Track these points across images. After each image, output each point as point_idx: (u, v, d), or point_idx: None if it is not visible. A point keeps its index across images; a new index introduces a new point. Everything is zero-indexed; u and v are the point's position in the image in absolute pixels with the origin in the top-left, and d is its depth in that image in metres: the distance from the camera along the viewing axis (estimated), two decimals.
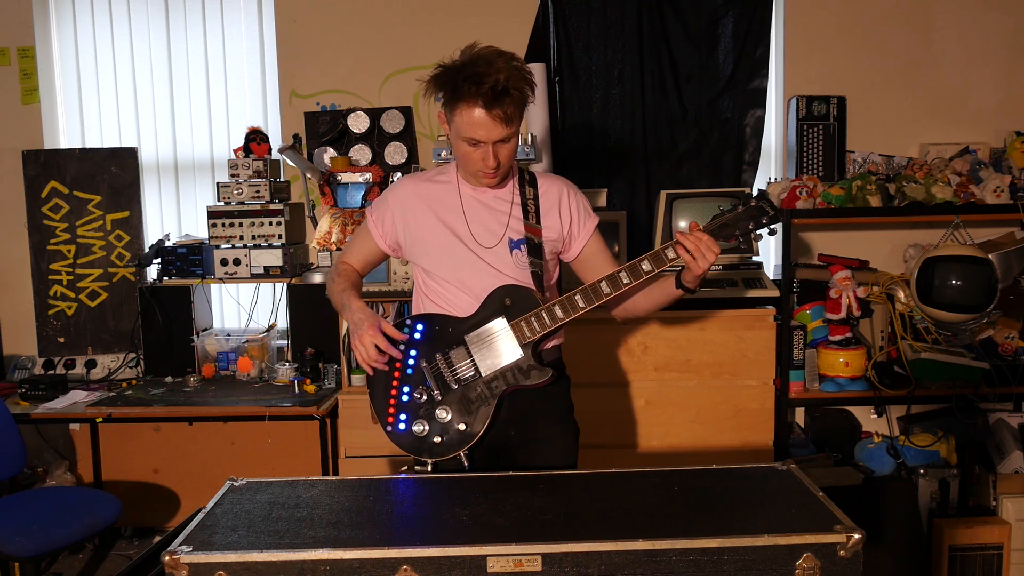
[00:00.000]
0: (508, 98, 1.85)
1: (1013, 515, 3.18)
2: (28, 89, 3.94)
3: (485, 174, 1.96)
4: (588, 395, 3.20)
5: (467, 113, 1.87)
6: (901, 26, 3.74)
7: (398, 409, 2.00)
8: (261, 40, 3.96)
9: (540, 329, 1.95)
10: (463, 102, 1.86)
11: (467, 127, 1.88)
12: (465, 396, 1.98)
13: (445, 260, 2.03)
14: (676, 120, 3.74)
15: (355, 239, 2.20)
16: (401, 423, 1.99)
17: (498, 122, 1.87)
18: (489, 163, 1.92)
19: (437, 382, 1.99)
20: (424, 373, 1.99)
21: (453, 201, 2.05)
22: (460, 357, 1.99)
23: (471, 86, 1.84)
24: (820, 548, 1.44)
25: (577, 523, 1.55)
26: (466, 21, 3.80)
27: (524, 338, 1.96)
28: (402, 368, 2.01)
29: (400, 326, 2.02)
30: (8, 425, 3.10)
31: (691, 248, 1.89)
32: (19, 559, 2.77)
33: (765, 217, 1.95)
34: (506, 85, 1.84)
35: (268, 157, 3.69)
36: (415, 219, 2.06)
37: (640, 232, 3.71)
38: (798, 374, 3.30)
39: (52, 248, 3.89)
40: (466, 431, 1.97)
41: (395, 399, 2.00)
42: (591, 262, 2.16)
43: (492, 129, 1.88)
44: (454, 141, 1.96)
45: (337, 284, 2.10)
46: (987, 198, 3.32)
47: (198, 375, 3.68)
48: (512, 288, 2.00)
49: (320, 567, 1.43)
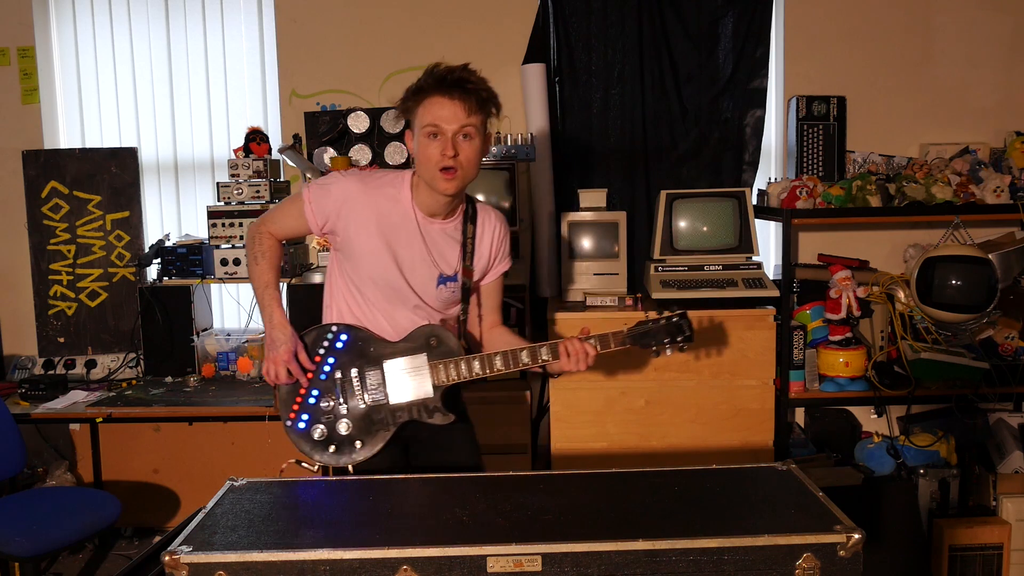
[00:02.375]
0: (470, 86, 1.92)
1: (1013, 515, 3.18)
2: (28, 89, 3.95)
3: (445, 173, 1.94)
4: (588, 395, 3.21)
5: (428, 103, 1.93)
6: (901, 26, 3.74)
7: (302, 408, 2.04)
8: (261, 40, 3.96)
9: (456, 377, 2.02)
10: (426, 96, 1.94)
11: (428, 114, 1.93)
12: (369, 416, 2.03)
13: (378, 282, 2.06)
14: (676, 120, 3.74)
15: (285, 213, 2.14)
16: (301, 422, 2.03)
17: (459, 108, 1.91)
18: (448, 152, 1.92)
19: (347, 395, 2.03)
20: (336, 383, 2.04)
21: (404, 225, 2.05)
22: (375, 379, 2.04)
23: (432, 79, 1.94)
24: (820, 548, 1.45)
25: (577, 523, 1.55)
26: (466, 21, 3.80)
27: (439, 380, 2.03)
28: (316, 372, 2.05)
29: (325, 331, 2.06)
30: (8, 425, 3.11)
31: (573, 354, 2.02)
32: (19, 559, 2.76)
33: (680, 336, 2.08)
34: (467, 77, 1.93)
35: (268, 157, 3.69)
36: (358, 227, 2.03)
37: (640, 232, 3.71)
38: (798, 374, 3.30)
39: (52, 248, 3.89)
40: (360, 448, 2.02)
41: (302, 398, 2.04)
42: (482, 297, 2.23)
43: (452, 114, 1.91)
44: (417, 145, 1.98)
45: (261, 269, 2.11)
46: (987, 198, 3.32)
47: (198, 375, 3.68)
48: (440, 330, 2.06)
49: (320, 567, 1.43)
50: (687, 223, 3.38)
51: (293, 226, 2.13)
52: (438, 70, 1.94)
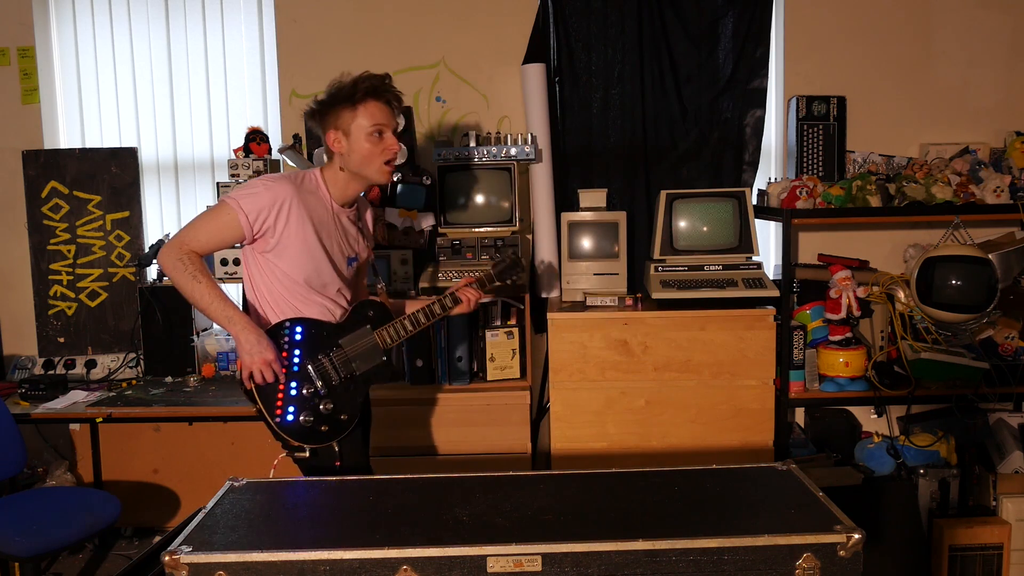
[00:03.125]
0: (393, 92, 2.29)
1: (1013, 515, 3.18)
2: (28, 89, 3.95)
3: (390, 164, 2.29)
4: (588, 395, 3.22)
5: (370, 107, 2.24)
6: (901, 26, 3.74)
7: (286, 402, 2.22)
8: (261, 40, 3.96)
9: (397, 337, 2.37)
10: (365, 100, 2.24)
11: (368, 116, 2.24)
12: (346, 390, 2.28)
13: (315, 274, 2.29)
14: (676, 120, 3.73)
15: (209, 228, 2.22)
16: (289, 414, 2.21)
17: (390, 109, 2.28)
18: (394, 147, 2.27)
19: (322, 379, 2.25)
20: (308, 371, 2.25)
21: (329, 218, 2.32)
22: (340, 357, 2.29)
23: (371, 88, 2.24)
24: (820, 548, 1.45)
25: (577, 523, 1.55)
26: (466, 21, 3.80)
27: (385, 344, 2.35)
28: (288, 366, 2.24)
29: (279, 328, 2.26)
30: (8, 425, 3.11)
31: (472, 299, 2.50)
32: (19, 559, 2.77)
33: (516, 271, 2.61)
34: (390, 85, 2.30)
35: (268, 157, 3.69)
36: (297, 227, 2.23)
37: (640, 232, 3.71)
38: (798, 374, 3.30)
39: (52, 248, 3.89)
40: (347, 419, 2.27)
41: (283, 393, 2.22)
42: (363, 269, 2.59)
43: (387, 115, 2.28)
44: (358, 144, 2.25)
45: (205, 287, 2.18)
46: (987, 198, 3.32)
47: (198, 375, 3.68)
48: (371, 304, 2.39)
49: (320, 567, 1.44)
50: (687, 223, 3.38)
51: (220, 239, 2.23)
52: (373, 80, 2.25)
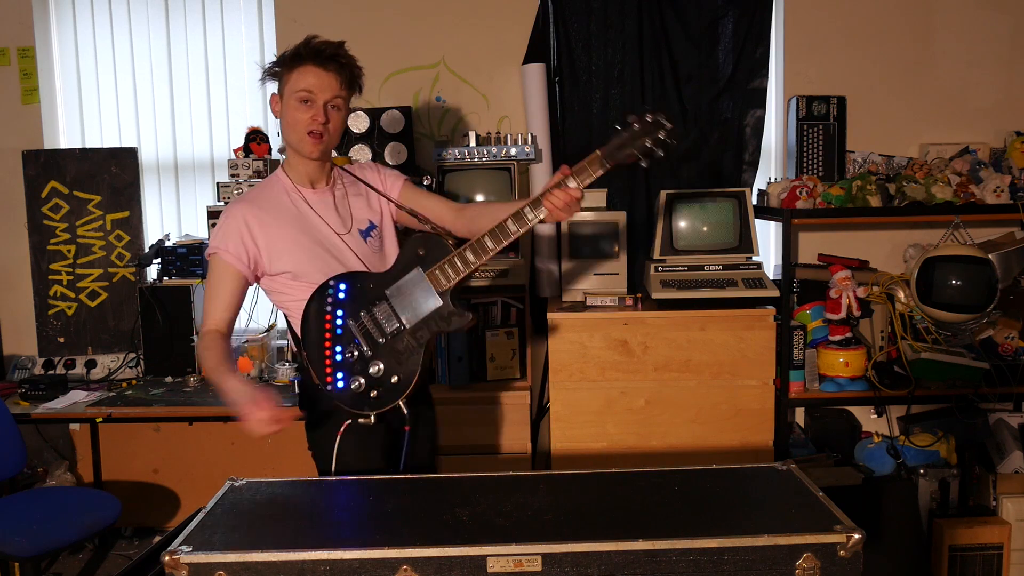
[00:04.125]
0: (341, 60, 2.05)
1: (1013, 515, 3.18)
2: (28, 89, 3.94)
3: (314, 135, 2.04)
4: (588, 395, 3.21)
5: (300, 70, 2.03)
6: (901, 26, 3.74)
7: (334, 368, 2.04)
8: (261, 40, 3.96)
9: (455, 275, 2.00)
10: (298, 64, 2.03)
11: (300, 80, 2.02)
12: (393, 348, 2.02)
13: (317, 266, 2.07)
14: (676, 120, 3.70)
15: (209, 290, 2.10)
16: (339, 381, 2.03)
17: (333, 79, 2.04)
18: (319, 118, 2.02)
19: (365, 338, 2.03)
20: (352, 331, 2.04)
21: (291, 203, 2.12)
22: (384, 312, 2.04)
23: (304, 48, 2.03)
24: (820, 548, 1.44)
25: (577, 523, 1.55)
26: (466, 21, 3.80)
27: (441, 286, 2.01)
28: (332, 328, 2.05)
29: (324, 288, 2.06)
30: (8, 425, 3.11)
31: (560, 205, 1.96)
32: (19, 559, 2.77)
33: (662, 131, 1.91)
34: (336, 51, 2.04)
35: (268, 157, 3.68)
36: (265, 229, 2.06)
37: (640, 232, 3.71)
38: (798, 374, 3.30)
39: (52, 248, 3.89)
40: (400, 381, 2.02)
41: (330, 359, 2.04)
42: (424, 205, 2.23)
43: (323, 82, 2.03)
44: (287, 110, 2.06)
45: (207, 361, 2.02)
46: (987, 198, 3.32)
47: (198, 375, 3.68)
48: (424, 237, 2.06)
49: (320, 567, 1.43)
50: (687, 223, 3.38)
51: (227, 293, 2.07)
52: (316, 42, 2.03)
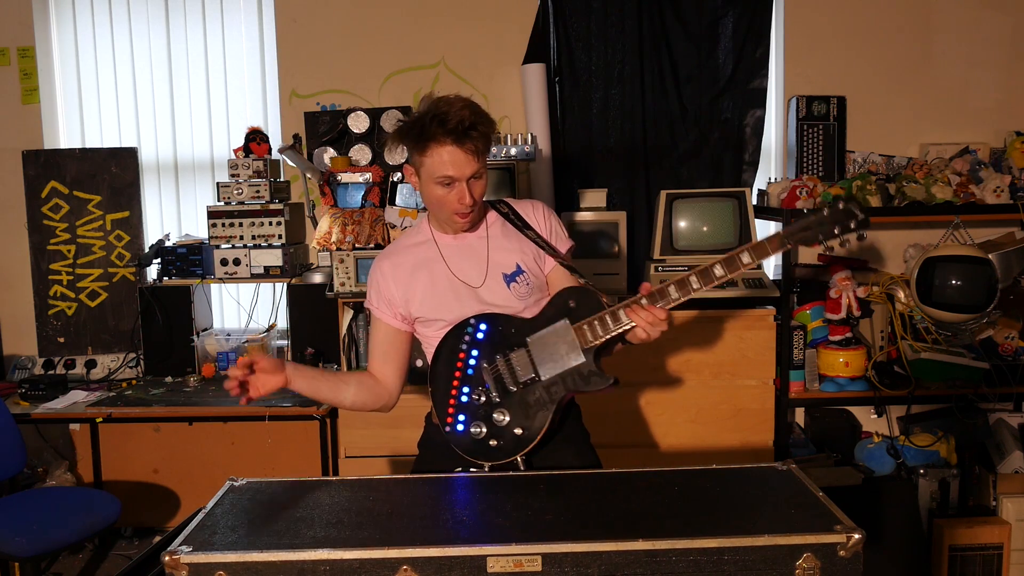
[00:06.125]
0: (475, 132, 1.87)
1: (1013, 515, 3.18)
2: (28, 89, 3.94)
3: (461, 215, 1.94)
4: (588, 395, 3.21)
5: (438, 152, 1.86)
6: (901, 26, 3.74)
7: (457, 409, 1.96)
8: (261, 40, 3.96)
9: (603, 333, 1.88)
10: (433, 142, 1.86)
11: (439, 166, 1.87)
12: (523, 400, 1.93)
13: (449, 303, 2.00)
14: (676, 120, 3.74)
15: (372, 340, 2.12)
16: (460, 424, 1.95)
17: (469, 156, 1.87)
18: (466, 201, 1.90)
19: (496, 384, 1.94)
20: (484, 374, 1.95)
21: (434, 253, 2.04)
22: (520, 359, 1.94)
23: (438, 126, 1.84)
24: (820, 548, 1.44)
25: (577, 523, 1.55)
26: (466, 21, 3.80)
27: (586, 342, 1.90)
28: (463, 368, 1.97)
29: (463, 326, 1.98)
30: (8, 425, 3.11)
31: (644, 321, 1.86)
32: (19, 559, 2.77)
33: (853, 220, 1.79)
34: (472, 121, 1.86)
35: (268, 157, 3.69)
36: (408, 283, 2.02)
37: (640, 232, 3.71)
38: (798, 374, 3.30)
39: (52, 248, 3.89)
40: (523, 435, 1.92)
41: (455, 399, 1.96)
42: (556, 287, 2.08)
43: (464, 164, 1.87)
44: (426, 188, 1.93)
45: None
46: (987, 198, 3.32)
47: (198, 375, 3.68)
48: (577, 291, 1.95)
49: (320, 567, 1.43)
50: (687, 223, 3.38)
51: (376, 342, 2.08)
52: (441, 113, 1.86)
